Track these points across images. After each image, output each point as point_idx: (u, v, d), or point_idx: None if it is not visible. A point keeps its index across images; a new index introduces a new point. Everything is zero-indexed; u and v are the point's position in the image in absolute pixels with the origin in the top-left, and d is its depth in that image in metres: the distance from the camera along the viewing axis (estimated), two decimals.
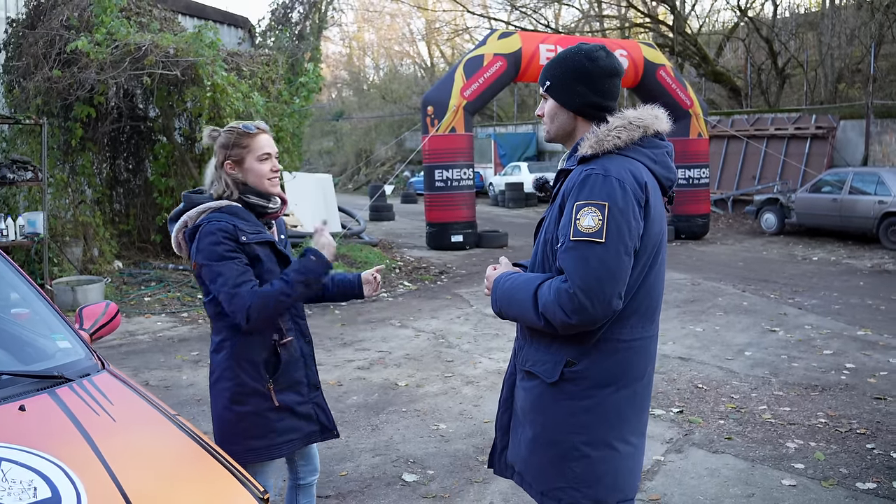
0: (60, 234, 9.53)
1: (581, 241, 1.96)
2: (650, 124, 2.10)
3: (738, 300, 8.96)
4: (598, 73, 2.11)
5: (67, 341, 2.68)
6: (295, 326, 2.71)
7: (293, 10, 16.60)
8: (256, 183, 2.62)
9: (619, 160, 2.04)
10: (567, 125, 2.19)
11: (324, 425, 2.76)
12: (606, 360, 2.07)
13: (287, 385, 2.65)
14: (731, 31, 25.12)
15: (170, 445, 2.20)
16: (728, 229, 16.76)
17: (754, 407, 5.16)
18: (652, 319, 2.12)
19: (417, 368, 6.20)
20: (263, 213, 2.67)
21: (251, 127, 2.63)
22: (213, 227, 2.52)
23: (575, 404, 2.09)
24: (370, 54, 48.86)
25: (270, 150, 2.64)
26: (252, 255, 2.56)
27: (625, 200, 1.96)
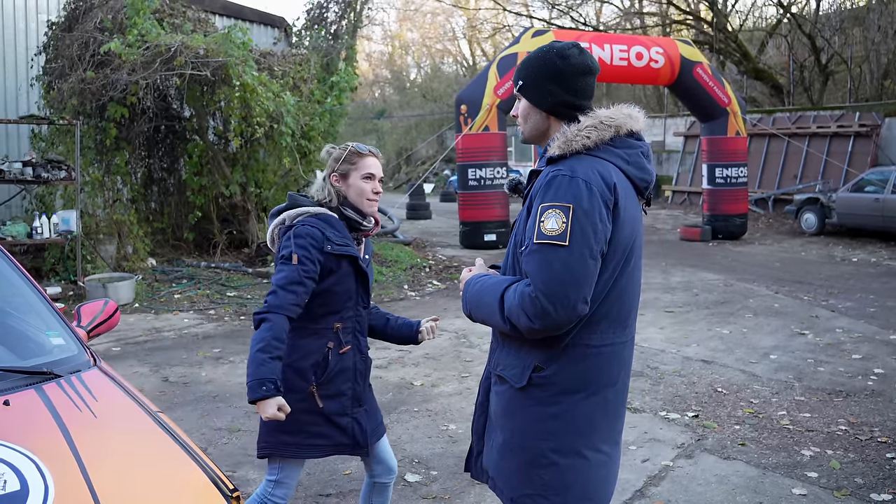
0: (95, 232, 9.72)
1: (544, 244, 1.91)
2: (622, 124, 2.05)
3: (770, 302, 8.79)
4: (571, 72, 2.07)
5: (62, 338, 2.73)
6: (354, 341, 2.79)
7: (328, 9, 16.71)
8: (356, 200, 2.77)
9: (588, 161, 1.99)
10: (540, 125, 2.15)
11: (357, 441, 2.79)
12: (575, 366, 2.02)
13: (331, 393, 2.73)
14: (773, 27, 24.62)
15: (146, 442, 2.23)
16: (767, 229, 16.46)
17: (773, 412, 5.05)
18: (624, 324, 2.07)
19: (435, 368, 6.20)
20: (356, 228, 2.78)
21: (364, 148, 2.81)
22: (305, 230, 2.67)
23: (543, 410, 2.04)
24: (412, 53, 48.99)
25: (375, 172, 2.80)
26: (330, 266, 2.67)
27: (591, 202, 1.91)
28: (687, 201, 21.47)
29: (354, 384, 2.78)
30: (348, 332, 2.76)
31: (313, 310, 2.70)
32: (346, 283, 2.72)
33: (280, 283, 2.59)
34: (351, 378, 2.77)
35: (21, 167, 8.44)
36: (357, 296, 2.77)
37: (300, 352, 2.70)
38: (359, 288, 2.77)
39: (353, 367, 2.77)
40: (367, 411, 2.83)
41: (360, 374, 2.80)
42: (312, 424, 2.71)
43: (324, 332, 2.72)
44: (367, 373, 2.86)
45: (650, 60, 14.00)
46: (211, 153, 11.21)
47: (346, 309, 2.75)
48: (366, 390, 2.85)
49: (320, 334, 2.72)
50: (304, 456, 2.77)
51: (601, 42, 13.96)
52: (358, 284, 2.76)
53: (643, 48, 14.05)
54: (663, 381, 5.77)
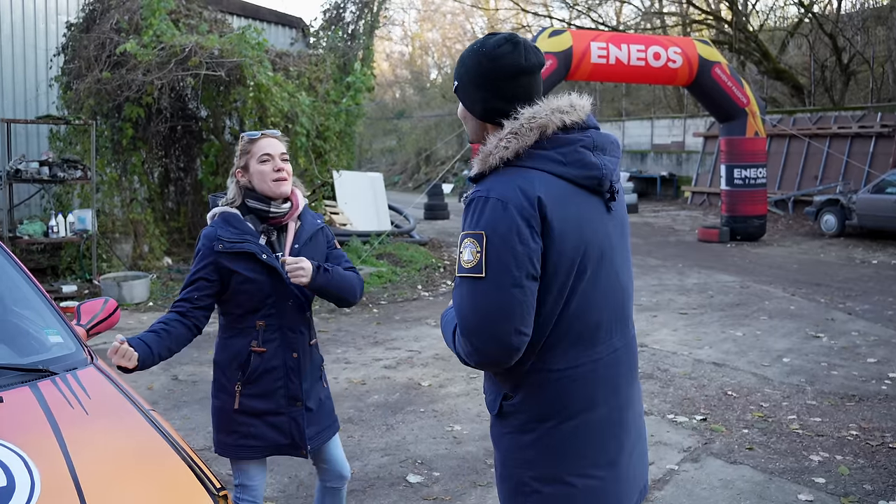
0: (111, 231, 9.81)
1: (464, 278, 1.77)
2: (548, 123, 1.81)
3: (786, 304, 8.69)
4: (500, 75, 1.83)
5: (59, 336, 2.75)
6: (281, 338, 2.70)
7: (345, 9, 16.75)
8: (261, 186, 2.71)
9: (508, 175, 1.79)
10: (478, 130, 1.94)
11: (294, 441, 2.73)
12: (539, 393, 1.87)
13: (259, 392, 2.68)
14: (794, 27, 24.36)
15: (136, 439, 2.24)
16: (787, 231, 16.29)
17: (783, 416, 4.99)
18: (591, 342, 1.88)
19: (444, 369, 6.19)
20: (266, 217, 2.73)
21: (255, 133, 2.77)
22: (203, 232, 2.73)
23: (519, 438, 1.92)
24: (431, 53, 49.03)
25: (272, 152, 2.71)
26: (226, 264, 2.65)
27: (507, 224, 1.73)
28: (706, 202, 21.30)
29: (288, 382, 2.69)
30: (273, 329, 2.68)
31: (233, 309, 2.70)
32: (254, 280, 2.64)
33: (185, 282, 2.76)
34: (282, 376, 2.69)
35: (38, 167, 8.55)
36: (276, 291, 2.67)
37: (227, 351, 2.71)
38: (275, 283, 2.66)
39: (284, 364, 2.69)
40: (309, 410, 2.75)
41: (293, 372, 2.70)
42: (246, 425, 2.67)
43: (247, 331, 2.68)
44: (306, 371, 2.74)
45: (668, 60, 13.90)
46: (227, 153, 11.27)
47: (266, 307, 2.67)
48: (308, 389, 2.75)
49: (244, 333, 2.68)
50: (240, 456, 2.72)
51: (618, 42, 13.88)
52: (273, 279, 2.66)
53: (661, 48, 13.95)
54: (673, 384, 5.72)
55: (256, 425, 2.68)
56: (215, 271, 2.66)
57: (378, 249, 11.87)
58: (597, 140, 1.88)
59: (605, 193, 1.90)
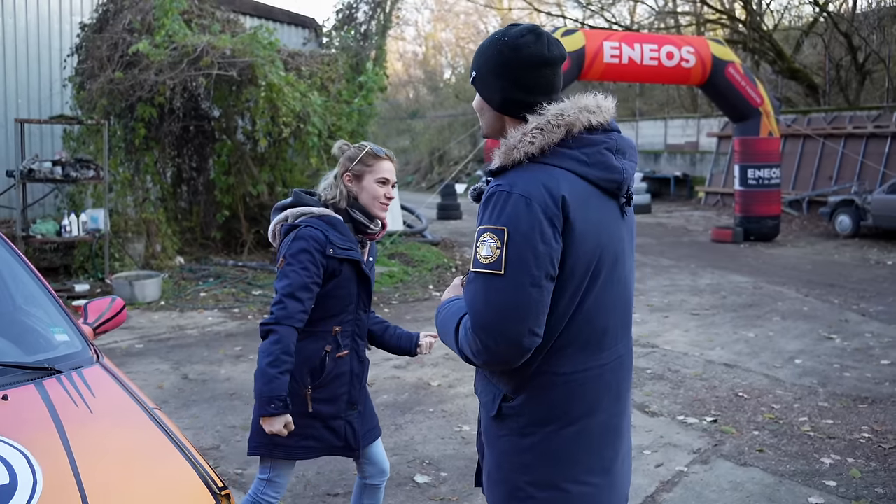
0: (123, 231, 9.85)
1: (480, 274, 1.71)
2: (575, 121, 1.77)
3: (799, 305, 8.63)
4: (522, 65, 1.79)
5: (66, 334, 2.76)
6: (353, 345, 2.76)
7: (358, 9, 16.77)
8: (367, 202, 2.74)
9: (532, 171, 1.75)
10: (494, 123, 1.90)
11: (349, 444, 2.78)
12: (543, 396, 1.83)
13: (326, 397, 2.71)
14: (809, 26, 24.19)
15: (139, 438, 2.24)
16: (801, 231, 16.18)
17: (794, 418, 4.95)
18: (598, 347, 1.85)
19: (453, 368, 6.17)
20: (363, 231, 2.76)
21: (381, 151, 2.78)
22: (308, 232, 2.63)
23: (516, 442, 1.87)
24: (445, 53, 49.01)
25: (390, 177, 2.77)
26: (332, 269, 2.65)
27: (530, 222, 1.68)
28: (720, 202, 21.19)
29: (350, 388, 2.75)
30: (347, 335, 2.73)
31: (313, 312, 2.66)
32: (347, 287, 2.69)
33: (286, 292, 2.56)
34: (347, 382, 2.74)
35: (51, 166, 8.60)
36: (358, 300, 2.75)
37: (297, 354, 2.65)
38: (360, 292, 2.75)
39: (350, 370, 2.74)
40: (361, 413, 2.80)
41: (357, 378, 2.77)
42: (305, 427, 2.67)
43: (322, 336, 2.69)
44: (364, 376, 2.83)
45: (681, 60, 13.83)
46: (239, 153, 11.30)
47: (347, 312, 2.72)
48: (361, 393, 2.82)
49: (318, 337, 2.69)
50: (294, 457, 2.76)
51: (631, 41, 13.82)
52: (360, 288, 2.74)
53: (674, 48, 13.88)
54: (683, 385, 5.69)
55: (315, 427, 2.70)
56: (322, 275, 2.64)
57: (390, 249, 11.87)
58: (619, 143, 1.85)
59: (622, 198, 1.88)
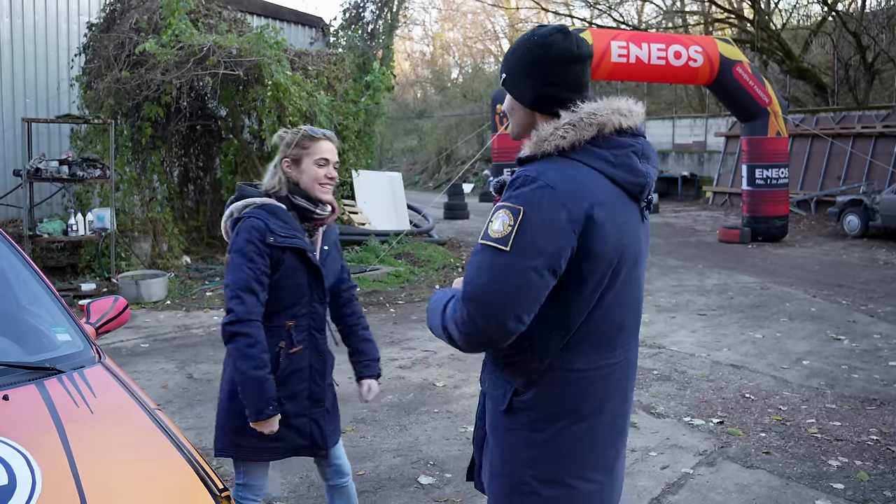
0: (130, 230, 9.86)
1: (486, 246, 1.71)
2: (607, 121, 1.79)
3: (807, 306, 8.57)
4: (553, 61, 1.83)
5: (68, 334, 2.75)
6: (309, 339, 2.68)
7: (365, 9, 16.78)
8: (308, 186, 2.66)
9: (560, 164, 1.76)
10: (526, 121, 1.91)
11: (315, 442, 2.71)
12: (555, 392, 1.84)
13: (284, 395, 2.62)
14: (817, 26, 24.07)
15: (140, 439, 2.22)
16: (809, 231, 16.10)
17: (801, 420, 4.91)
18: (612, 346, 1.87)
19: (459, 369, 6.15)
20: (309, 217, 2.68)
21: (317, 132, 2.70)
22: (248, 223, 2.57)
23: (526, 436, 1.87)
24: (452, 53, 48.97)
25: (329, 157, 2.68)
26: (276, 258, 2.58)
27: (548, 210, 1.68)
28: (728, 202, 21.11)
29: (311, 384, 2.67)
30: (302, 330, 2.65)
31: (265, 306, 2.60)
32: (294, 277, 2.60)
33: (240, 286, 2.51)
34: (307, 378, 2.66)
35: (57, 165, 8.60)
36: (311, 291, 2.65)
37: None
38: (312, 283, 2.65)
39: (309, 366, 2.67)
40: (328, 411, 2.73)
41: (318, 374, 2.69)
42: None
43: (275, 331, 2.60)
44: (327, 371, 2.74)
45: (689, 59, 13.77)
46: (246, 152, 11.31)
47: (299, 305, 2.64)
48: (326, 390, 2.73)
49: (272, 333, 2.59)
50: (258, 459, 2.68)
51: (638, 41, 13.77)
52: (311, 279, 2.65)
53: (682, 47, 13.82)
54: (690, 386, 5.65)
55: (279, 427, 2.61)
56: (269, 265, 2.56)
57: (396, 249, 11.86)
58: (645, 148, 1.87)
59: (643, 202, 1.90)
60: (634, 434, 4.63)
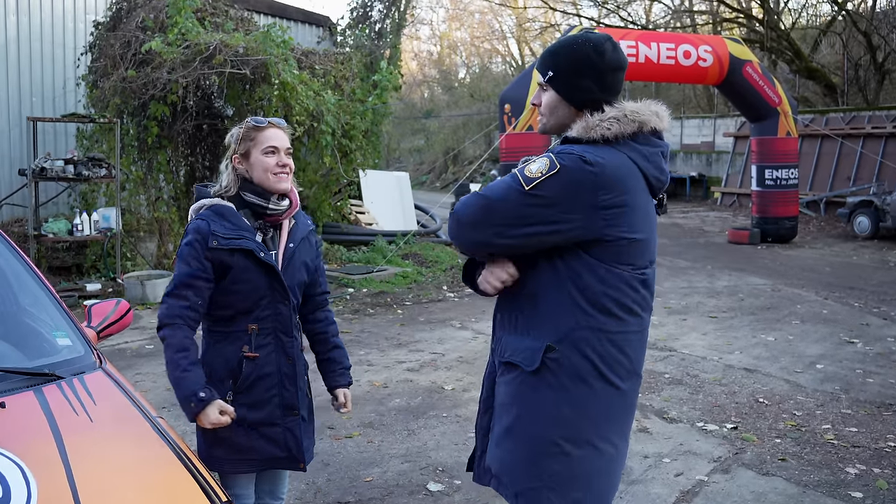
0: (136, 230, 9.80)
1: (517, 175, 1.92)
2: (647, 120, 1.99)
3: (819, 308, 8.47)
4: (606, 68, 2.00)
5: (68, 338, 2.67)
6: (276, 342, 2.56)
7: (372, 8, 16.72)
8: (261, 178, 2.53)
9: (605, 150, 1.93)
10: (567, 119, 2.06)
11: (291, 454, 2.59)
12: (589, 350, 1.95)
13: (251, 402, 2.52)
14: (827, 25, 23.90)
15: (140, 449, 2.15)
16: (819, 232, 15.98)
17: (817, 426, 4.81)
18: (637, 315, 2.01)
19: (468, 372, 6.07)
20: (262, 214, 2.57)
21: (262, 121, 2.57)
22: (191, 226, 2.51)
23: (557, 395, 1.95)
24: (460, 52, 48.87)
25: (278, 144, 2.54)
26: (222, 261, 2.47)
27: (583, 181, 1.87)
28: (736, 203, 20.97)
29: (282, 390, 2.55)
30: (267, 333, 2.53)
31: (221, 311, 2.52)
32: (248, 279, 2.48)
33: (168, 290, 2.48)
34: (276, 384, 2.54)
35: (63, 165, 8.55)
36: (271, 292, 2.52)
37: (216, 358, 2.52)
38: (271, 283, 2.52)
39: (278, 371, 2.55)
40: (304, 419, 2.62)
41: (288, 379, 2.56)
42: (238, 436, 2.51)
43: (237, 336, 2.51)
44: (299, 377, 2.61)
45: (698, 59, 13.66)
46: None
47: (260, 308, 2.52)
48: (302, 396, 2.62)
49: (234, 338, 2.51)
50: (233, 471, 2.58)
51: (648, 40, 13.67)
52: (269, 279, 2.51)
53: (691, 46, 13.72)
54: (702, 390, 5.56)
55: (251, 437, 2.52)
56: (212, 270, 2.47)
57: (404, 249, 11.79)
58: (667, 151, 2.08)
59: (657, 198, 2.08)
60: (647, 439, 4.54)
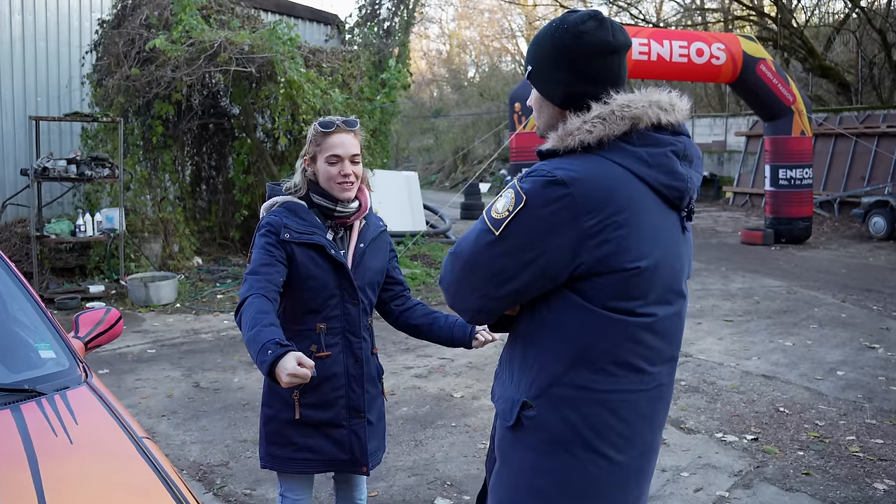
0: (140, 230, 9.66)
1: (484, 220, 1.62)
2: (643, 114, 1.57)
3: (836, 311, 8.25)
4: (586, 53, 1.60)
5: (52, 350, 2.52)
6: (344, 343, 2.49)
7: (381, 6, 16.53)
8: (325, 185, 2.49)
9: (584, 161, 1.56)
10: (554, 120, 1.68)
11: (355, 458, 2.51)
12: (570, 411, 1.60)
13: (318, 402, 2.46)
14: (841, 23, 23.60)
15: (122, 473, 1.98)
16: (833, 233, 15.72)
17: (841, 437, 4.62)
18: (639, 370, 1.63)
19: (477, 379, 5.89)
20: (331, 215, 2.50)
21: (330, 125, 2.47)
22: (265, 220, 2.47)
23: (534, 461, 1.64)
24: (469, 51, 48.69)
25: (342, 153, 2.46)
26: (294, 256, 2.41)
27: (554, 210, 1.50)
28: (749, 203, 20.73)
29: (349, 391, 2.49)
30: (335, 333, 2.47)
31: (292, 309, 2.46)
32: (319, 276, 2.43)
33: (247, 273, 2.37)
34: (343, 385, 2.48)
35: (65, 164, 8.41)
36: (340, 291, 2.47)
37: None
38: (340, 282, 2.46)
39: (345, 372, 2.48)
40: (371, 424, 2.54)
41: (356, 381, 2.50)
42: (301, 436, 2.45)
43: (306, 334, 2.46)
44: (367, 379, 2.54)
45: (711, 57, 13.45)
46: (259, 151, 11.08)
47: (329, 307, 2.46)
48: (369, 401, 2.54)
49: (303, 336, 2.45)
50: (292, 470, 2.52)
51: (660, 38, 13.46)
52: (338, 277, 2.45)
53: (704, 44, 13.50)
54: (720, 399, 5.37)
55: (314, 437, 2.47)
56: (285, 258, 2.40)
57: (412, 250, 11.62)
58: (687, 149, 1.65)
59: (683, 210, 1.66)
60: (664, 452, 4.36)
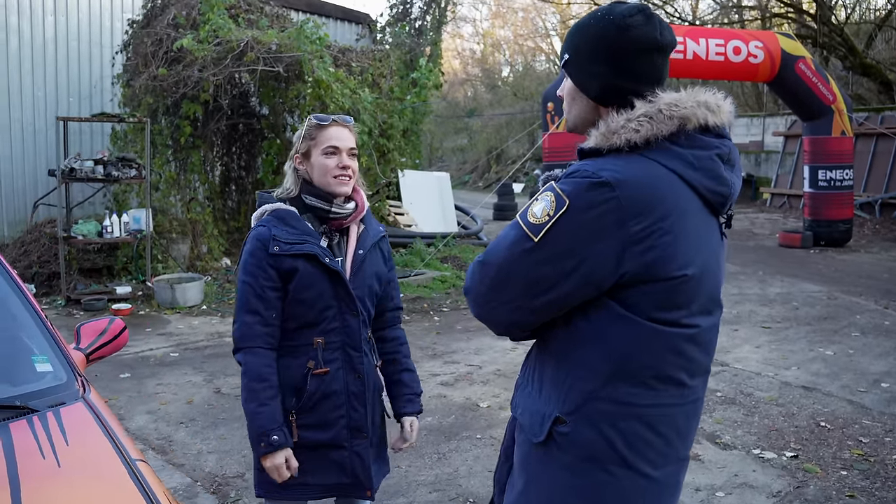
0: (168, 231, 9.62)
1: (519, 225, 1.51)
2: (691, 115, 1.50)
3: (879, 319, 7.93)
4: (629, 48, 1.52)
5: (50, 364, 2.40)
6: (343, 358, 2.32)
7: (412, 5, 16.43)
8: (321, 181, 2.33)
9: (630, 162, 1.48)
10: (587, 114, 1.62)
11: (358, 481, 2.34)
12: (607, 427, 1.52)
13: (317, 422, 2.29)
14: (882, 20, 23.00)
15: (109, 500, 1.85)
16: (874, 236, 15.27)
17: (887, 456, 4.37)
18: (678, 382, 1.56)
19: (505, 387, 5.71)
20: (325, 218, 2.35)
21: (326, 118, 2.34)
22: (252, 233, 2.32)
23: (567, 479, 1.56)
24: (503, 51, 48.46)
25: (340, 145, 2.32)
26: (286, 268, 2.25)
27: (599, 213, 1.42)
28: (786, 205, 20.27)
29: (350, 410, 2.31)
30: (334, 348, 2.31)
31: (285, 323, 2.30)
32: (314, 287, 2.27)
33: (238, 307, 2.24)
34: (343, 403, 2.31)
35: (92, 165, 8.38)
36: (338, 302, 2.30)
37: (282, 366, 2.29)
38: (337, 292, 2.29)
39: (345, 389, 2.31)
40: (373, 445, 2.38)
41: (357, 399, 2.33)
42: (300, 461, 2.27)
43: (303, 350, 2.30)
44: (368, 397, 2.36)
45: (748, 55, 13.12)
46: (287, 151, 11.00)
47: (327, 320, 2.30)
48: (372, 418, 2.38)
49: (299, 352, 2.30)
50: (291, 498, 2.35)
51: (696, 36, 13.16)
52: (335, 287, 2.29)
53: (741, 42, 13.18)
54: (758, 412, 5.13)
55: (313, 461, 2.29)
56: (277, 278, 2.26)
57: (443, 252, 11.46)
58: (731, 153, 1.58)
59: (723, 216, 1.58)
60: (699, 468, 4.15)
